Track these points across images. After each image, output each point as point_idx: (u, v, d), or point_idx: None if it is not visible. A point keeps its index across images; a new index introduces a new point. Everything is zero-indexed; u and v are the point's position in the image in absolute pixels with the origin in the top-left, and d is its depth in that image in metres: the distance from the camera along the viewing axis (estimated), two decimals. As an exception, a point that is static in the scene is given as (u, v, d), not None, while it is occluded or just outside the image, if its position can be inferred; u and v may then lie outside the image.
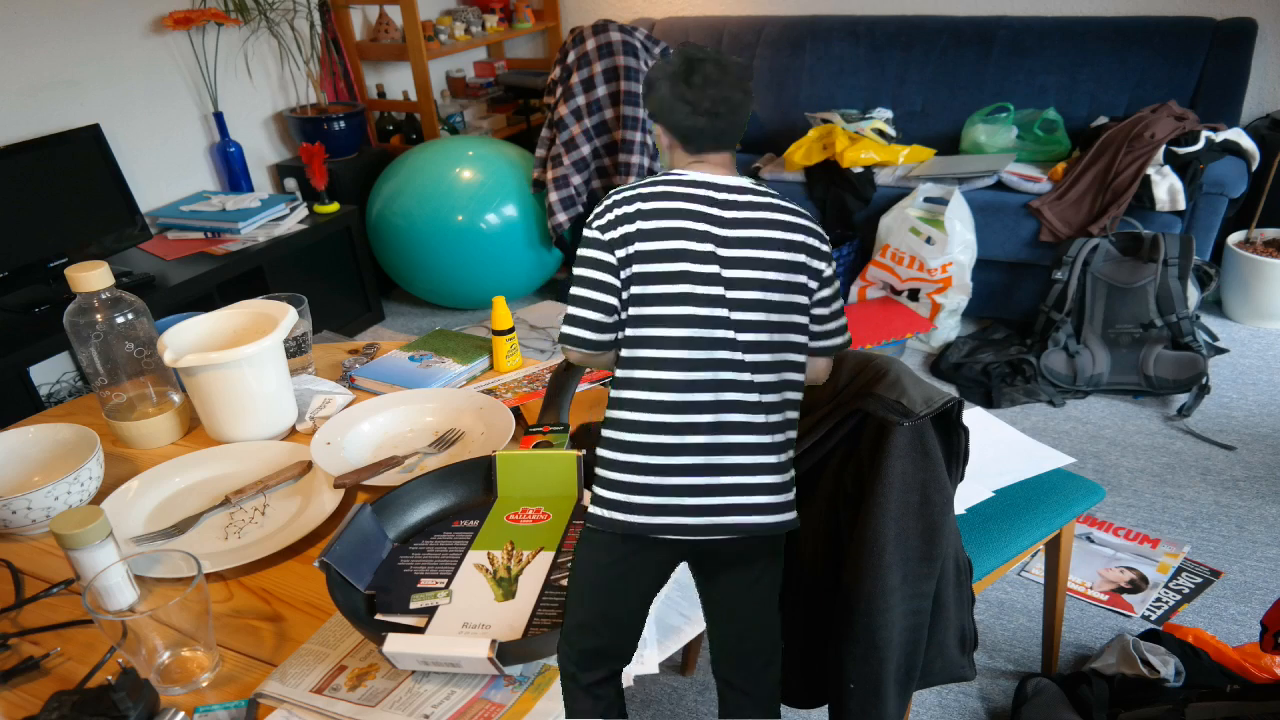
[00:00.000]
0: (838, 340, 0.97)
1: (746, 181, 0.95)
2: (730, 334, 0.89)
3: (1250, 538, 1.97)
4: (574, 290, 0.93)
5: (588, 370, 1.36)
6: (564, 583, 0.93)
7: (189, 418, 1.37)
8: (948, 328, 2.83)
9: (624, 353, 0.91)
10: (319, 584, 1.01)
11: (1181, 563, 1.91)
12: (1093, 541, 1.99)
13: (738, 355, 0.89)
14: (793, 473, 0.91)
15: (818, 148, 2.99)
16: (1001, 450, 1.52)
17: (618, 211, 0.92)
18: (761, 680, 0.94)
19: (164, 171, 2.94)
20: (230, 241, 2.75)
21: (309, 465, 1.21)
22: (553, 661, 0.88)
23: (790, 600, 1.19)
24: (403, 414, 1.32)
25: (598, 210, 0.94)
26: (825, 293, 0.94)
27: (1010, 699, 1.62)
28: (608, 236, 0.92)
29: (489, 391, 1.36)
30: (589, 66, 2.91)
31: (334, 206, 3.04)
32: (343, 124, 3.20)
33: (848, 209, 2.92)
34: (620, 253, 0.91)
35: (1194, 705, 1.31)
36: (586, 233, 0.94)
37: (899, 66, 3.24)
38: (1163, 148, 2.61)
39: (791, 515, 0.89)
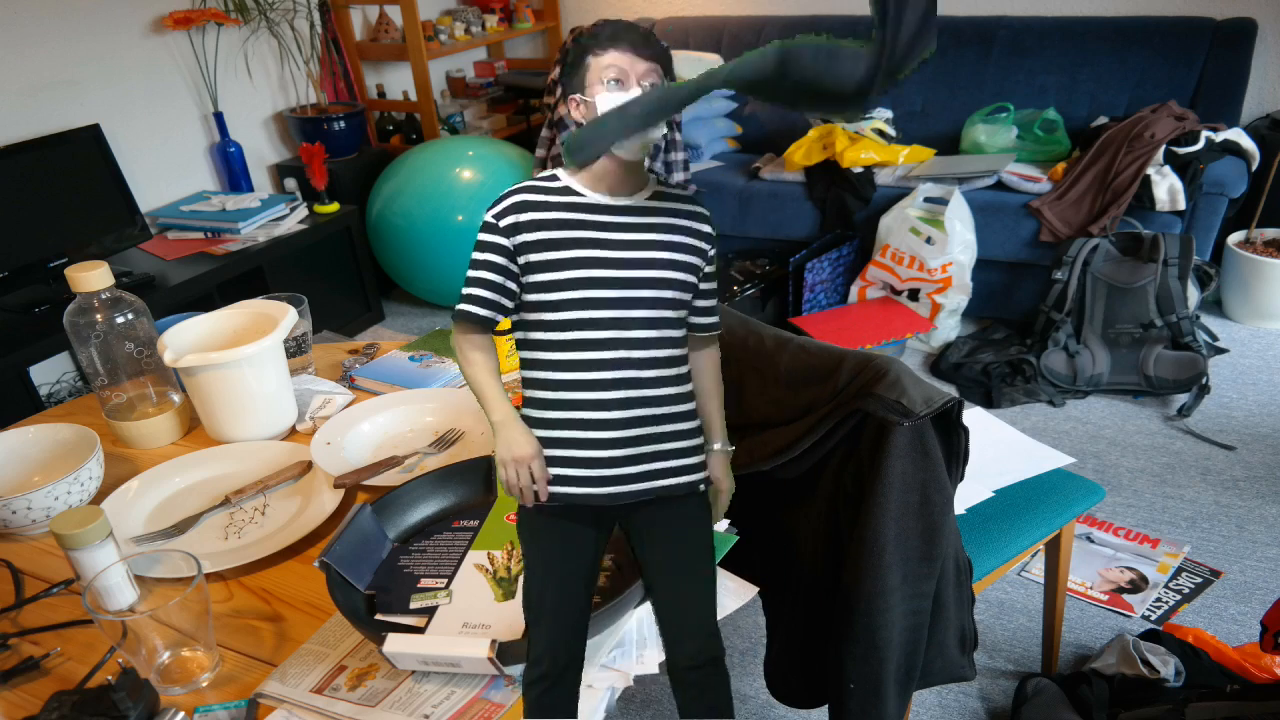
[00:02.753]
0: None
1: None
2: None
3: (1250, 538, 1.97)
4: None
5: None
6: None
7: (189, 418, 1.37)
8: (948, 328, 2.83)
9: None
10: (319, 584, 1.01)
11: (1181, 563, 1.91)
12: (1093, 541, 1.99)
13: None
14: None
15: (818, 148, 2.99)
16: (1001, 450, 1.52)
17: None
18: None
19: (164, 171, 2.94)
20: (230, 241, 2.75)
21: (309, 465, 1.21)
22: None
23: (790, 600, 1.19)
24: (403, 414, 1.32)
25: None
26: None
27: (1010, 699, 1.62)
28: None
29: (489, 391, 1.36)
30: (589, 66, 2.90)
31: (334, 206, 3.04)
32: (343, 124, 3.20)
33: (848, 209, 2.92)
34: None
35: (1194, 705, 1.31)
36: None
37: (899, 66, 3.24)
38: (1163, 148, 2.61)
39: None
